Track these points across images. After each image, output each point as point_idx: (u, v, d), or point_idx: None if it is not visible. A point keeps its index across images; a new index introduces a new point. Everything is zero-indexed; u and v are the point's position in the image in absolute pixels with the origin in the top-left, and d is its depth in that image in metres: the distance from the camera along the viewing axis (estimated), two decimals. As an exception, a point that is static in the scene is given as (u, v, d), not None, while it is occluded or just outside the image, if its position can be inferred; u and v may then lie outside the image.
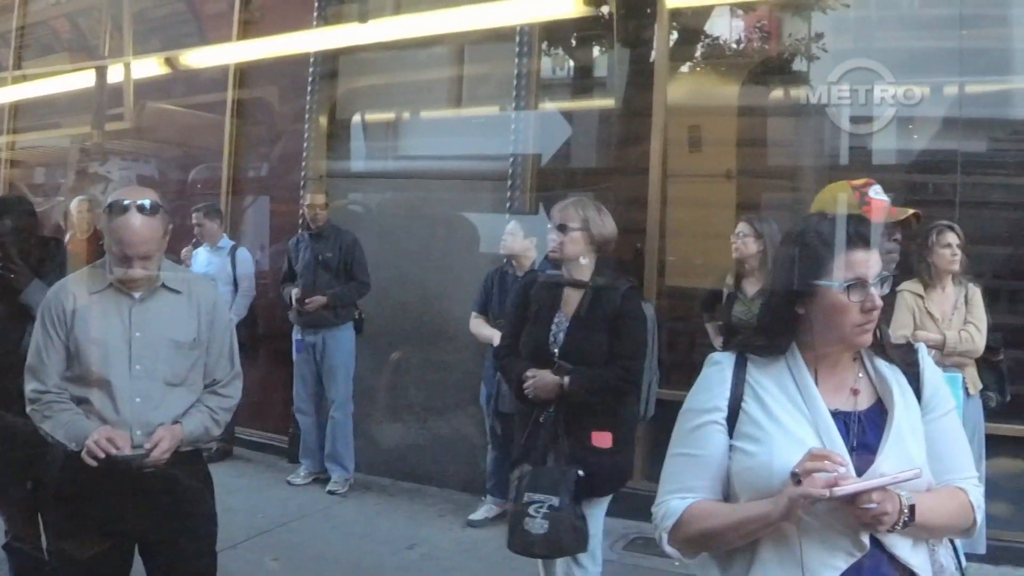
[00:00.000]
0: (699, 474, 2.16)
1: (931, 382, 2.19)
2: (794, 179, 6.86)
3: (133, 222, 3.15)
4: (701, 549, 2.21)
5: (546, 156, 6.90)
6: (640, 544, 5.90)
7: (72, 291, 3.30)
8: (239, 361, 3.54)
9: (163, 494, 3.25)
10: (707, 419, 2.16)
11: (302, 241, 6.99)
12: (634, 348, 4.03)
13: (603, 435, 3.90)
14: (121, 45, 9.11)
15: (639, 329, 4.08)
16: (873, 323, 2.11)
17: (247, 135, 8.32)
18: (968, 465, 2.19)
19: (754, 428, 2.11)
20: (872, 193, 3.06)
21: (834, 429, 2.07)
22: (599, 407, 3.97)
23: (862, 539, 2.01)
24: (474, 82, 7.26)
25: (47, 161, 10.47)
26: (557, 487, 3.79)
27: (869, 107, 6.24)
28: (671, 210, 6.66)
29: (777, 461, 2.03)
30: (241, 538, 5.60)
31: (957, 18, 6.24)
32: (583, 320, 4.00)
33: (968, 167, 6.12)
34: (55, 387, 3.23)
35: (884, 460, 2.03)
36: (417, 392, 7.02)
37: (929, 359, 2.24)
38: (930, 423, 2.15)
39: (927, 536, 2.10)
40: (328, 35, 7.64)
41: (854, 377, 2.17)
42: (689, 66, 7.22)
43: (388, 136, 7.80)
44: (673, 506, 2.15)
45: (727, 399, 2.16)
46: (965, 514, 2.14)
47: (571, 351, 3.97)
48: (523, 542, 3.83)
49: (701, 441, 2.16)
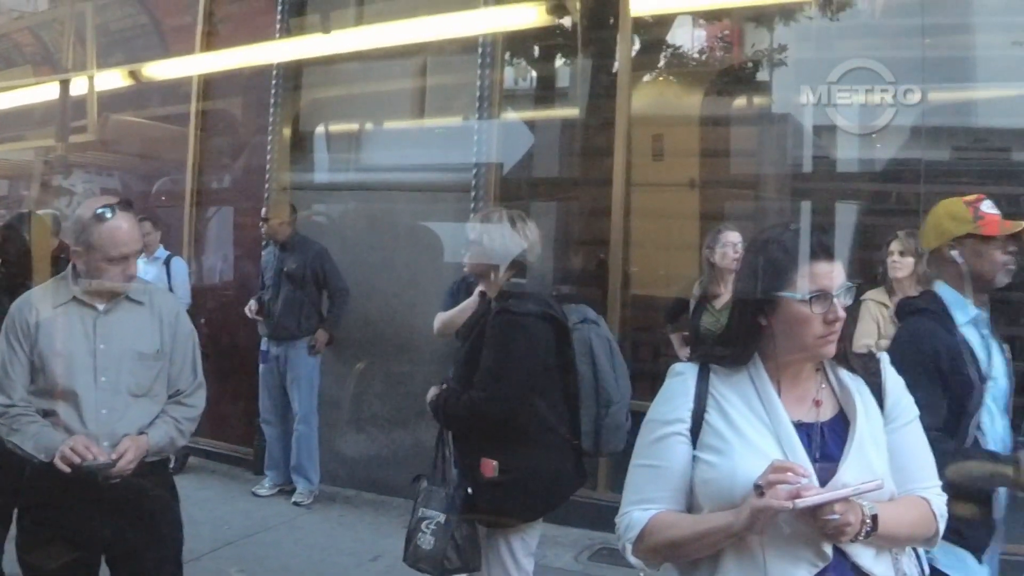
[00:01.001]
0: (661, 485, 2.16)
1: (893, 391, 2.20)
2: (757, 188, 6.89)
3: (122, 223, 3.25)
4: (665, 559, 2.22)
5: (509, 166, 6.90)
6: (605, 554, 5.91)
7: (35, 304, 3.33)
8: (202, 371, 3.56)
9: (129, 504, 3.27)
10: (669, 430, 2.16)
11: (271, 253, 7.00)
12: (495, 372, 3.69)
13: (488, 463, 3.69)
14: (84, 58, 9.05)
15: (503, 353, 3.71)
16: (836, 334, 2.11)
17: (211, 147, 8.28)
18: (931, 475, 2.20)
19: (716, 439, 2.11)
20: (985, 207, 3.09)
21: (796, 440, 2.07)
22: (487, 432, 3.72)
23: (825, 549, 2.01)
24: (437, 93, 7.26)
25: (11, 174, 10.39)
26: (445, 505, 3.70)
27: (833, 115, 6.28)
28: (635, 220, 6.67)
29: (740, 472, 2.03)
30: (206, 549, 5.58)
31: (919, 27, 6.29)
32: (470, 339, 3.86)
33: (931, 176, 6.15)
34: (21, 400, 3.25)
35: (846, 470, 2.03)
36: (381, 403, 7.00)
37: (891, 369, 2.24)
38: (892, 432, 2.15)
39: (890, 545, 2.10)
40: (291, 46, 7.63)
41: (816, 388, 2.17)
42: (652, 76, 7.25)
43: (351, 147, 7.78)
44: (636, 517, 2.16)
45: (690, 410, 2.15)
46: (927, 523, 2.15)
47: (460, 370, 3.85)
48: (413, 557, 3.76)
49: (663, 452, 2.17)
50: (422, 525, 3.73)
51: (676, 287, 6.27)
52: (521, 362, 3.71)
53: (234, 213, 8.28)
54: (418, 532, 3.74)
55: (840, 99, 6.23)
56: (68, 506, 3.20)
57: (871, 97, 6.19)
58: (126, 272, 3.28)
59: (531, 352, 3.73)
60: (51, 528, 3.28)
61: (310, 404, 6.89)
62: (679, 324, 6.10)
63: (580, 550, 6.01)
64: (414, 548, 3.75)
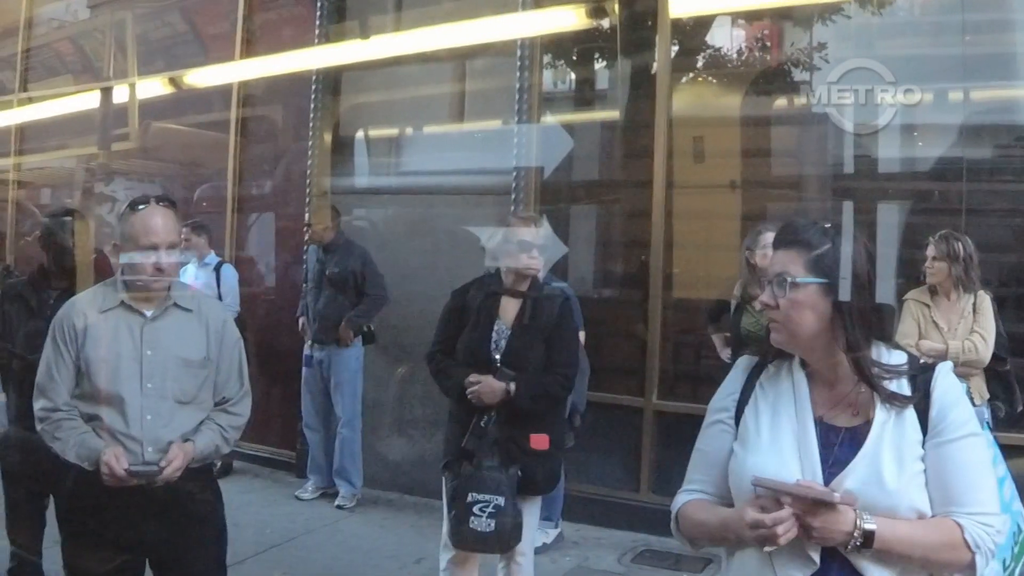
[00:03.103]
0: (704, 469, 2.25)
1: (940, 404, 2.07)
2: (799, 188, 6.85)
3: (156, 214, 3.28)
4: (697, 541, 2.29)
5: (549, 169, 6.89)
6: (648, 556, 5.90)
7: (83, 309, 3.34)
8: (248, 379, 3.56)
9: (174, 508, 3.28)
10: (716, 418, 2.26)
11: (313, 256, 7.06)
12: (569, 357, 4.36)
13: (541, 437, 4.17)
14: (125, 66, 9.15)
15: (574, 339, 4.50)
16: (775, 323, 2.14)
17: (251, 153, 8.35)
18: (976, 500, 2.03)
19: (745, 432, 2.17)
20: None
21: (813, 440, 2.07)
22: (537, 412, 4.21)
23: (811, 555, 2.01)
24: (476, 96, 7.26)
25: (53, 182, 10.53)
26: (500, 487, 4.04)
27: (873, 113, 6.22)
28: (675, 222, 6.66)
29: (751, 465, 2.08)
30: (250, 553, 5.61)
31: (960, 24, 6.23)
32: (524, 328, 4.23)
33: (973, 174, 6.10)
34: (64, 405, 3.26)
35: (848, 475, 2.01)
36: (423, 407, 7.01)
37: (947, 380, 2.11)
38: (936, 448, 2.04)
39: (907, 566, 2.02)
40: (330, 52, 7.66)
41: (854, 392, 2.12)
42: (691, 77, 7.22)
43: (391, 152, 7.81)
44: (680, 499, 2.27)
45: (736, 401, 2.22)
46: (954, 551, 2.01)
47: (512, 358, 4.18)
48: (471, 539, 4.08)
49: (709, 438, 2.26)
50: (474, 509, 4.03)
51: (717, 288, 6.24)
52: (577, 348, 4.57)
53: (275, 219, 8.36)
54: (471, 516, 4.03)
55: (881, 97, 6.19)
56: (113, 511, 3.21)
57: (911, 96, 6.14)
58: (157, 265, 3.25)
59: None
60: (96, 533, 3.29)
61: (353, 408, 6.92)
62: (721, 325, 6.08)
63: (623, 552, 6.01)
64: (469, 531, 4.05)
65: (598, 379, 6.49)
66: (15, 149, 10.15)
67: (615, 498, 6.50)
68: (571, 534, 6.25)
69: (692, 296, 6.82)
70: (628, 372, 6.81)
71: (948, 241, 5.20)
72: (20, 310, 4.40)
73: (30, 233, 6.24)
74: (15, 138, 10.15)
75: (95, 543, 3.31)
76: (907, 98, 6.04)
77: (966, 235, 5.29)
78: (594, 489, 6.59)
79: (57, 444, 3.23)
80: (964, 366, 5.05)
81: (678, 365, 6.73)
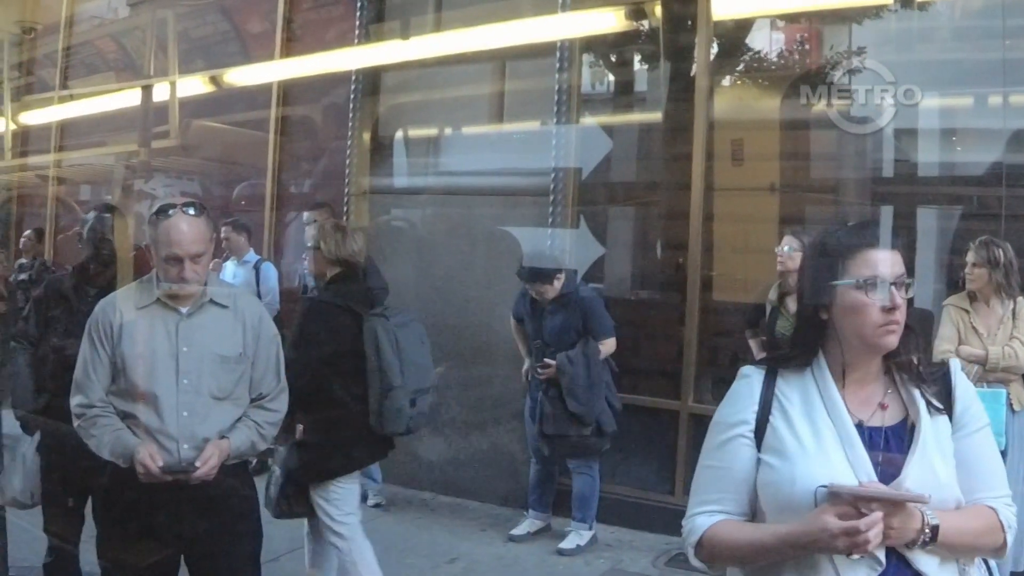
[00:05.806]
0: (724, 487, 2.17)
1: (963, 398, 2.14)
2: (838, 192, 6.81)
3: (180, 222, 3.23)
4: (726, 565, 2.25)
5: (587, 171, 6.89)
6: (682, 560, 5.86)
7: (119, 306, 3.35)
8: (285, 376, 3.57)
9: (209, 505, 3.29)
10: (734, 433, 2.17)
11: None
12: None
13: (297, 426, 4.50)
14: (166, 64, 9.23)
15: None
16: (896, 324, 2.07)
17: (290, 152, 8.41)
18: (1000, 484, 2.15)
19: (779, 442, 2.10)
20: None
21: (859, 442, 2.05)
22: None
23: (878, 555, 1.99)
24: (515, 97, 7.26)
25: (93, 179, 10.64)
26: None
27: (913, 117, 6.19)
28: (713, 224, 6.64)
29: (799, 475, 2.03)
30: (284, 550, 5.62)
31: (1001, 28, 6.18)
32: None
33: (1013, 179, 6.04)
34: (100, 401, 3.28)
35: (907, 476, 2.01)
36: (459, 407, 7.03)
37: (961, 375, 2.19)
38: (961, 440, 2.11)
39: (954, 555, 2.06)
40: (370, 52, 7.69)
41: (883, 392, 2.14)
42: (731, 79, 7.20)
43: (430, 152, 7.83)
44: (698, 523, 2.16)
45: (755, 412, 2.15)
46: (993, 534, 2.09)
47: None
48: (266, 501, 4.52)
49: (727, 455, 2.17)
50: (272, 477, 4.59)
51: (755, 292, 6.22)
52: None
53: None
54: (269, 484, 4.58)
55: (921, 101, 6.16)
56: (149, 506, 3.23)
57: (950, 100, 6.10)
58: (182, 274, 3.23)
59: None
60: (131, 528, 3.31)
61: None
62: (758, 330, 6.05)
63: (657, 555, 5.98)
64: (266, 495, 4.53)
65: (634, 381, 6.51)
66: (55, 146, 10.27)
67: (650, 501, 6.48)
68: (605, 536, 6.24)
69: (729, 299, 6.79)
70: (664, 375, 6.79)
71: (988, 247, 5.16)
72: (61, 306, 4.39)
73: (69, 229, 6.29)
74: (55, 135, 10.26)
75: (131, 538, 3.32)
76: (946, 102, 6.02)
77: (1006, 241, 5.26)
78: (629, 491, 6.59)
79: (92, 441, 3.25)
80: (1004, 372, 5.04)
81: (714, 368, 6.70)
